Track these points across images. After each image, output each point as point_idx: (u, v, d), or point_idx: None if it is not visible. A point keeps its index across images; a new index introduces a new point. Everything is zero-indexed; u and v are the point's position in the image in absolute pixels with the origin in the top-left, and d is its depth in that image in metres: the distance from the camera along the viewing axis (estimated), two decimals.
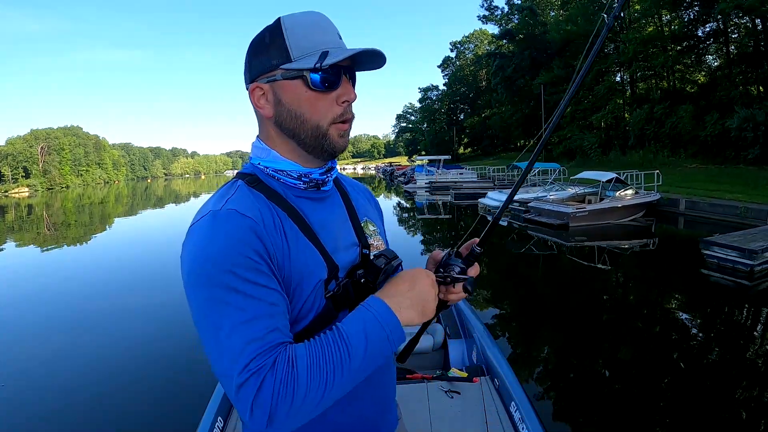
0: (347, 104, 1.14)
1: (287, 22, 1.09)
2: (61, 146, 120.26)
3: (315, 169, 1.20)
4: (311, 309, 1.10)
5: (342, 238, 1.23)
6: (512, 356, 6.56)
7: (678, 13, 35.66)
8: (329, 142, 1.14)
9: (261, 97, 1.13)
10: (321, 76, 1.08)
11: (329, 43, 1.09)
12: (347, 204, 1.33)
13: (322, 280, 1.12)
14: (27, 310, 9.98)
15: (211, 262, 0.96)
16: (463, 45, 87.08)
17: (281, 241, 1.06)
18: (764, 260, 9.71)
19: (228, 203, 1.04)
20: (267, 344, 0.94)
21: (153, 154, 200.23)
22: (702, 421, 4.89)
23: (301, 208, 1.16)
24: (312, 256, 1.11)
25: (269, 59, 1.09)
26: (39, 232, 27.10)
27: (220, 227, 0.99)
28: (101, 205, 51.20)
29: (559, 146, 46.75)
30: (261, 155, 1.19)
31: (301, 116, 1.11)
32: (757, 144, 25.12)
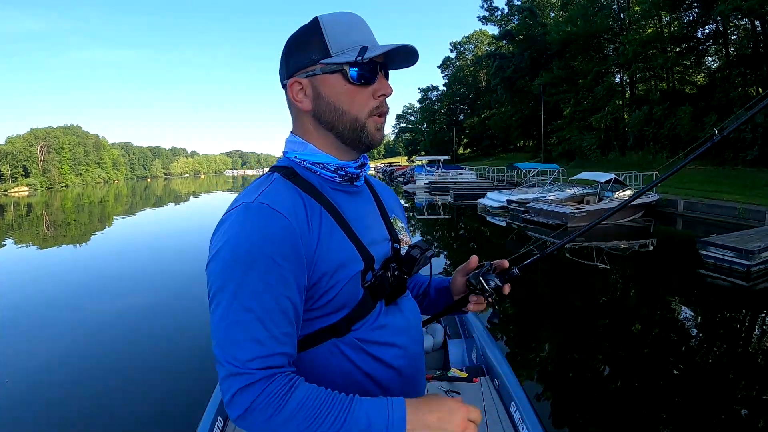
0: (383, 98, 1.18)
1: (325, 20, 1.13)
2: (61, 145, 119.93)
3: (350, 162, 1.23)
4: (350, 298, 1.13)
5: (375, 232, 1.26)
6: (512, 356, 6.53)
7: (678, 14, 35.63)
8: (366, 134, 1.18)
9: (299, 92, 1.17)
10: (359, 71, 1.12)
11: (366, 41, 1.14)
12: (377, 201, 1.37)
13: (359, 271, 1.14)
14: (26, 310, 9.96)
15: (237, 255, 1.00)
16: (462, 45, 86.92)
17: (313, 235, 1.08)
18: (761, 261, 9.78)
19: (261, 196, 1.07)
20: (270, 353, 0.99)
21: (153, 154, 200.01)
22: (700, 420, 4.91)
23: (337, 201, 1.19)
24: (347, 249, 1.14)
25: (308, 55, 1.13)
26: (38, 232, 27.09)
27: (251, 222, 1.03)
28: (101, 204, 51.16)
29: (558, 147, 46.83)
30: (297, 149, 1.22)
31: (340, 108, 1.15)
32: (756, 145, 25.15)
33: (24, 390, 6.09)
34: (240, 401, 0.96)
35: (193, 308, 9.32)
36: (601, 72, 43.07)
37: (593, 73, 43.04)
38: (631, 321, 8.10)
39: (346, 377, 1.15)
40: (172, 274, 12.90)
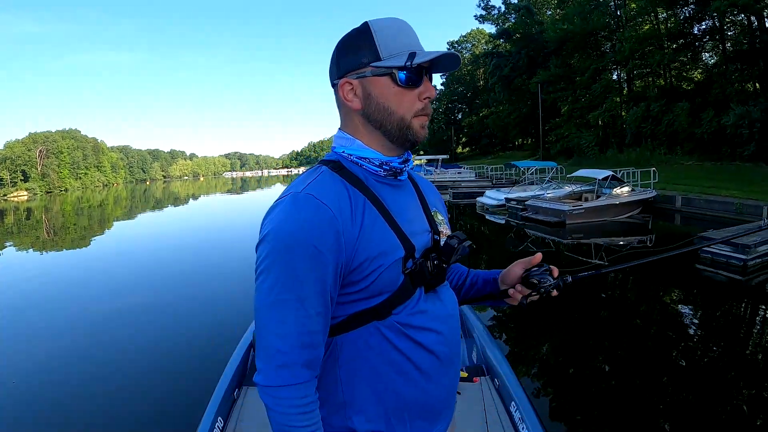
0: (428, 100, 1.26)
1: (375, 25, 1.21)
2: (60, 149, 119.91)
3: (395, 158, 1.31)
4: (390, 283, 1.21)
5: (416, 224, 1.33)
6: (512, 356, 6.56)
7: (675, 10, 35.66)
8: (412, 132, 1.26)
9: (350, 92, 1.25)
10: (407, 74, 1.20)
11: (413, 46, 1.21)
12: (419, 194, 1.44)
13: (400, 258, 1.22)
14: (26, 313, 10.01)
15: (283, 242, 1.09)
16: (460, 44, 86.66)
17: (356, 224, 1.16)
18: (757, 255, 9.87)
19: (308, 187, 1.16)
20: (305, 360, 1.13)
21: (151, 157, 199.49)
22: (699, 418, 4.94)
23: (381, 193, 1.27)
24: (389, 237, 1.21)
25: (359, 57, 1.21)
26: (38, 236, 27.18)
27: (296, 210, 1.12)
28: (100, 207, 51.13)
29: (556, 145, 46.83)
30: (345, 144, 1.30)
31: (389, 109, 1.23)
32: (753, 141, 25.26)
33: (24, 390, 6.14)
34: (274, 377, 1.10)
35: (193, 308, 9.38)
36: (598, 69, 43.10)
37: (590, 71, 43.04)
38: (630, 318, 8.14)
39: (386, 358, 1.23)
40: (172, 275, 12.95)
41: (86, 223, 34.05)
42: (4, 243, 23.98)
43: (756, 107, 25.20)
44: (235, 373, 3.79)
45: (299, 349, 1.11)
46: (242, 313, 6.92)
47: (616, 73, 45.10)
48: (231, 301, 9.55)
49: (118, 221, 33.71)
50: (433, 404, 1.33)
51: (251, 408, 3.55)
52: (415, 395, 1.27)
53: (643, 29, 38.88)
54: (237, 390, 3.73)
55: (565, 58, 47.05)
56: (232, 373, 3.76)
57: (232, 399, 3.58)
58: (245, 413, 3.50)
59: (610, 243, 14.41)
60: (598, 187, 18.77)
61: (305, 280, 1.09)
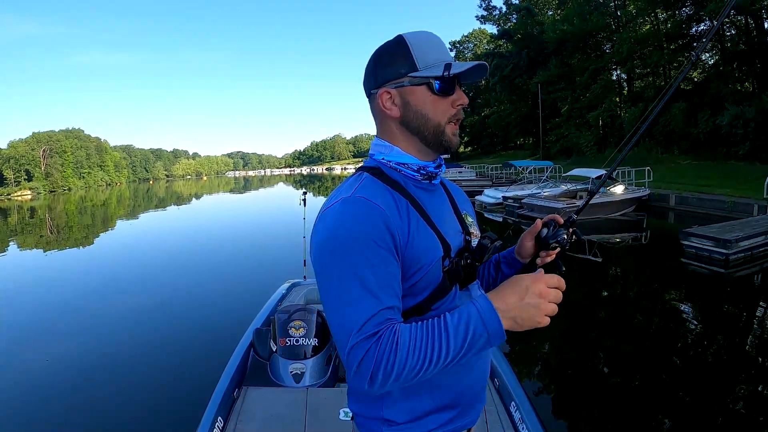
0: (461, 107, 1.34)
1: (411, 38, 1.30)
2: (63, 149, 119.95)
3: (430, 162, 1.39)
4: (432, 281, 1.28)
5: (450, 225, 1.40)
6: (512, 356, 6.51)
7: (674, 11, 35.87)
8: (446, 137, 1.34)
9: (388, 100, 1.32)
10: (442, 84, 1.28)
11: (446, 58, 1.30)
12: (450, 198, 1.52)
13: (440, 258, 1.29)
14: (28, 312, 10.11)
15: (342, 242, 1.14)
16: (462, 45, 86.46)
17: (404, 224, 1.22)
18: (739, 249, 10.29)
19: (357, 191, 1.22)
20: (377, 320, 1.11)
21: (154, 156, 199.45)
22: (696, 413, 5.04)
23: (419, 196, 1.34)
24: (431, 238, 1.28)
25: (397, 68, 1.29)
26: (41, 235, 27.26)
27: (351, 211, 1.17)
28: (103, 207, 51.10)
29: (556, 144, 47.12)
30: (384, 151, 1.38)
31: (426, 116, 1.31)
32: (747, 140, 25.66)
33: (25, 390, 6.19)
34: (361, 370, 1.09)
35: (193, 308, 9.48)
36: (597, 70, 43.37)
37: (590, 71, 43.35)
38: (627, 317, 8.30)
39: None
40: (172, 275, 13.04)
41: (89, 222, 34.11)
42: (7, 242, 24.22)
43: (750, 107, 25.49)
44: (235, 373, 3.89)
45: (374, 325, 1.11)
46: (242, 312, 6.66)
47: (616, 74, 45.31)
48: (231, 301, 9.63)
49: (120, 220, 33.91)
50: (468, 394, 1.40)
51: (251, 408, 3.61)
52: (451, 386, 1.35)
53: (643, 30, 39.06)
54: (237, 390, 3.80)
55: (564, 58, 47.36)
56: (232, 373, 3.87)
57: (232, 399, 3.66)
58: (245, 413, 3.55)
59: (604, 239, 14.83)
60: (591, 185, 19.18)
61: (369, 275, 1.12)
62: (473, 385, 1.41)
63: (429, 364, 1.09)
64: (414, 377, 1.10)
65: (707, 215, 17.38)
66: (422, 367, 1.09)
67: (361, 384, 1.10)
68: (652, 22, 39.19)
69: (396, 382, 1.10)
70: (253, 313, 5.21)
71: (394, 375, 1.08)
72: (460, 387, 1.37)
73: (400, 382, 1.10)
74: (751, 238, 10.53)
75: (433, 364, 1.10)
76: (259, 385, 3.91)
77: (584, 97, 44.34)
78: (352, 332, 1.09)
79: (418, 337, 1.10)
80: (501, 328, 1.13)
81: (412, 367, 1.08)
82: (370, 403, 1.35)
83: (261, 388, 3.88)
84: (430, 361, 1.09)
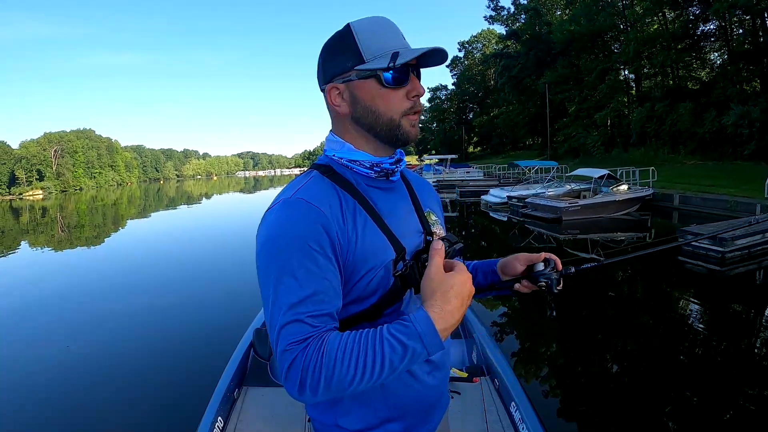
0: (417, 98, 1.25)
1: (357, 27, 1.21)
2: (74, 149, 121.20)
3: (385, 158, 1.31)
4: (381, 286, 1.22)
5: (408, 225, 1.33)
6: (512, 356, 6.58)
7: (682, 11, 35.90)
8: (402, 131, 1.25)
9: (337, 96, 1.25)
10: (392, 75, 1.19)
11: (397, 45, 1.21)
12: (412, 195, 1.43)
13: (390, 260, 1.22)
14: (33, 310, 10.22)
15: (277, 246, 1.10)
16: (471, 45, 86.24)
17: (348, 226, 1.17)
18: (735, 248, 10.45)
19: (298, 192, 1.18)
20: (306, 327, 1.06)
21: (165, 156, 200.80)
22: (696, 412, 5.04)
23: (371, 196, 1.27)
24: (380, 240, 1.22)
25: (343, 61, 1.21)
26: (53, 234, 27.50)
27: (289, 214, 1.13)
28: (114, 206, 51.47)
29: (564, 144, 47.18)
30: (336, 147, 1.31)
31: (377, 111, 1.22)
32: (753, 140, 25.70)
33: (25, 390, 6.23)
34: (290, 378, 1.04)
35: (193, 308, 9.53)
36: (605, 69, 43.40)
37: (597, 71, 43.35)
38: (626, 316, 8.37)
39: None
40: (173, 275, 13.14)
41: (100, 222, 34.31)
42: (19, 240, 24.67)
43: (756, 107, 25.51)
44: (236, 373, 3.82)
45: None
46: (243, 312, 6.48)
47: (624, 73, 45.29)
48: (231, 300, 9.62)
49: (131, 220, 34.32)
50: (423, 404, 1.35)
51: (251, 408, 3.60)
52: (405, 396, 1.29)
53: (651, 29, 38.94)
54: (237, 390, 3.77)
55: (572, 58, 47.40)
56: (233, 372, 3.80)
57: (232, 399, 3.62)
58: (245, 413, 3.53)
59: (605, 238, 15.02)
60: (594, 185, 19.41)
61: (306, 280, 1.09)
62: (430, 392, 1.37)
63: (362, 376, 1.03)
64: (348, 388, 1.04)
65: (710, 215, 17.42)
66: (353, 378, 1.03)
67: (291, 391, 1.06)
68: (660, 22, 39.12)
69: (327, 391, 1.04)
70: (253, 313, 5.10)
71: (322, 384, 1.03)
72: (417, 395, 1.33)
73: (332, 391, 1.04)
74: (748, 237, 10.65)
75: (367, 377, 1.04)
76: (259, 385, 3.90)
77: (592, 97, 44.34)
78: (281, 338, 1.06)
79: (348, 348, 1.04)
80: (441, 345, 1.07)
81: (342, 377, 1.03)
82: (326, 409, 1.31)
83: (261, 388, 3.88)
84: (362, 374, 1.03)
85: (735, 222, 12.44)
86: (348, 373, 1.03)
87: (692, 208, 19.41)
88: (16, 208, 58.44)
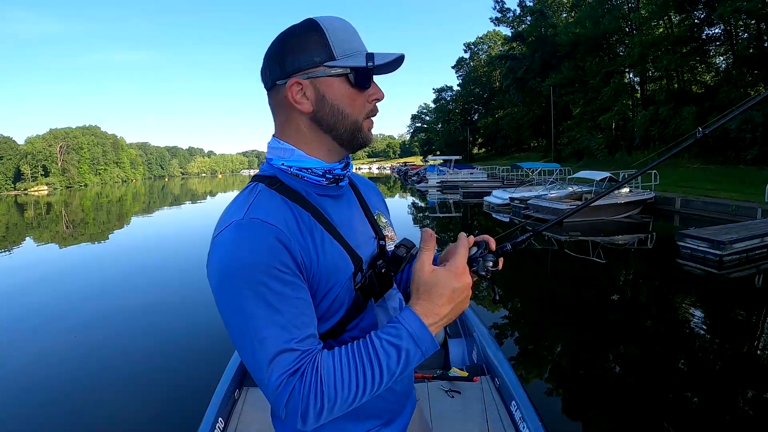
0: (376, 102, 1.21)
1: (325, 23, 1.14)
2: (80, 145, 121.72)
3: (336, 164, 1.23)
4: (344, 301, 1.17)
5: (361, 233, 1.28)
6: (513, 355, 6.59)
7: (688, 15, 35.91)
8: (362, 134, 1.21)
9: (299, 92, 1.14)
10: (360, 77, 1.15)
11: (362, 47, 1.18)
12: (360, 199, 1.38)
13: (351, 274, 1.18)
14: (33, 307, 10.20)
15: (239, 273, 1.01)
16: (476, 46, 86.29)
17: (307, 243, 1.10)
18: (733, 251, 10.51)
19: (250, 211, 1.07)
20: (294, 355, 1.01)
21: (170, 154, 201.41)
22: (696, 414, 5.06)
23: (324, 207, 1.20)
24: (339, 254, 1.16)
25: (311, 56, 1.12)
26: (57, 230, 27.55)
27: (245, 238, 1.03)
28: (119, 203, 51.52)
29: (568, 147, 47.29)
30: (284, 155, 1.21)
31: (343, 111, 1.16)
32: (756, 144, 25.77)
33: (26, 389, 6.22)
34: (291, 410, 1.00)
35: (194, 308, 9.45)
36: (609, 72, 43.52)
37: (602, 74, 43.50)
38: (625, 315, 8.44)
39: None
40: (177, 274, 13.12)
41: (104, 218, 34.29)
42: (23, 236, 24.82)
43: (759, 111, 25.47)
44: (236, 374, 3.80)
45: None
46: None
47: (629, 77, 45.46)
48: None
49: (135, 217, 34.38)
50: (387, 409, 1.32)
51: (252, 409, 3.57)
52: (369, 403, 1.15)
53: (656, 33, 39.04)
54: (237, 390, 3.74)
55: (577, 61, 47.45)
56: (233, 373, 3.77)
57: (232, 399, 3.60)
58: (246, 414, 3.51)
59: (606, 240, 15.11)
60: (595, 187, 19.48)
61: (280, 306, 1.02)
62: (399, 392, 1.35)
63: (363, 391, 1.03)
64: (350, 406, 1.04)
65: (712, 218, 17.50)
66: (356, 396, 1.03)
67: (293, 424, 1.02)
68: (665, 25, 39.15)
69: (330, 415, 1.03)
70: None
71: (326, 409, 1.01)
72: (386, 394, 1.25)
73: (334, 413, 1.03)
74: (746, 240, 10.73)
75: (368, 391, 1.04)
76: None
77: (596, 99, 44.41)
78: (272, 373, 1.00)
79: (344, 366, 1.04)
80: (433, 342, 1.08)
81: (345, 398, 1.02)
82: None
83: None
84: (363, 389, 1.03)
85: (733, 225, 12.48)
86: (350, 393, 1.02)
87: (694, 211, 19.48)
88: (22, 204, 58.52)
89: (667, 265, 11.21)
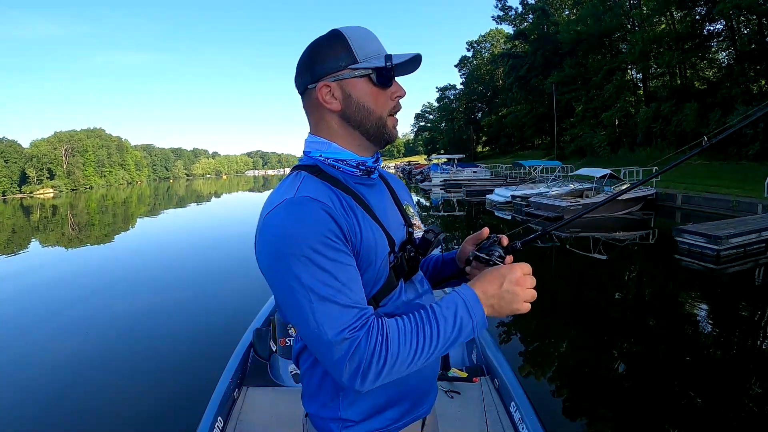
0: (398, 99, 1.32)
1: (347, 32, 1.25)
2: (85, 148, 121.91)
3: (368, 158, 1.34)
4: (380, 278, 1.26)
5: (393, 219, 1.38)
6: (512, 356, 6.47)
7: (689, 11, 35.89)
8: (387, 130, 1.31)
9: (327, 94, 1.26)
10: (381, 76, 1.25)
11: (383, 50, 1.29)
12: (390, 191, 1.49)
13: (387, 253, 1.27)
14: (31, 310, 10.30)
15: (295, 243, 1.07)
16: (479, 44, 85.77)
17: (351, 220, 1.18)
18: (730, 246, 10.63)
19: (299, 191, 1.16)
20: (359, 314, 1.09)
21: (174, 155, 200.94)
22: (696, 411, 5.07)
23: (361, 192, 1.29)
24: (378, 233, 1.25)
25: (336, 61, 1.23)
26: (63, 232, 27.67)
27: (298, 212, 1.11)
28: (124, 205, 51.61)
29: (570, 144, 47.32)
30: (321, 148, 1.31)
31: (368, 108, 1.27)
32: (758, 140, 25.81)
33: (26, 389, 6.25)
34: (353, 368, 1.06)
35: (193, 308, 9.55)
36: (611, 69, 43.43)
37: (604, 71, 43.44)
38: (625, 312, 8.53)
39: None
40: (174, 275, 13.18)
41: (109, 220, 34.38)
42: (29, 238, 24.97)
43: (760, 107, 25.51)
44: (236, 373, 3.83)
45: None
46: (243, 313, 6.48)
47: (631, 73, 45.37)
48: (232, 300, 9.68)
49: (140, 218, 34.52)
50: (421, 386, 1.39)
51: (251, 408, 3.61)
52: (404, 379, 1.25)
53: (658, 29, 38.93)
54: (237, 390, 3.77)
55: (579, 58, 47.43)
56: (233, 373, 3.80)
57: (232, 399, 3.62)
58: (245, 413, 3.54)
59: (607, 237, 15.17)
60: (596, 184, 19.63)
61: (334, 273, 1.09)
62: (425, 376, 1.41)
63: (420, 355, 1.10)
64: (405, 369, 1.10)
65: (713, 214, 17.46)
66: (414, 356, 1.10)
67: (350, 381, 1.07)
68: (667, 22, 39.06)
69: (388, 376, 1.09)
70: (253, 313, 5.16)
71: (387, 367, 1.07)
72: (413, 380, 1.34)
73: (392, 374, 1.09)
74: (743, 235, 10.83)
75: (424, 355, 1.11)
76: (259, 386, 3.93)
77: (598, 97, 44.32)
78: (336, 328, 1.06)
79: (407, 328, 1.11)
80: (484, 316, 1.17)
81: (405, 357, 1.09)
82: (327, 403, 1.31)
83: (261, 388, 3.91)
84: (421, 352, 1.10)
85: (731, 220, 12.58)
86: (410, 351, 1.10)
87: (695, 207, 19.60)
88: (27, 207, 58.73)
89: (666, 261, 11.29)
